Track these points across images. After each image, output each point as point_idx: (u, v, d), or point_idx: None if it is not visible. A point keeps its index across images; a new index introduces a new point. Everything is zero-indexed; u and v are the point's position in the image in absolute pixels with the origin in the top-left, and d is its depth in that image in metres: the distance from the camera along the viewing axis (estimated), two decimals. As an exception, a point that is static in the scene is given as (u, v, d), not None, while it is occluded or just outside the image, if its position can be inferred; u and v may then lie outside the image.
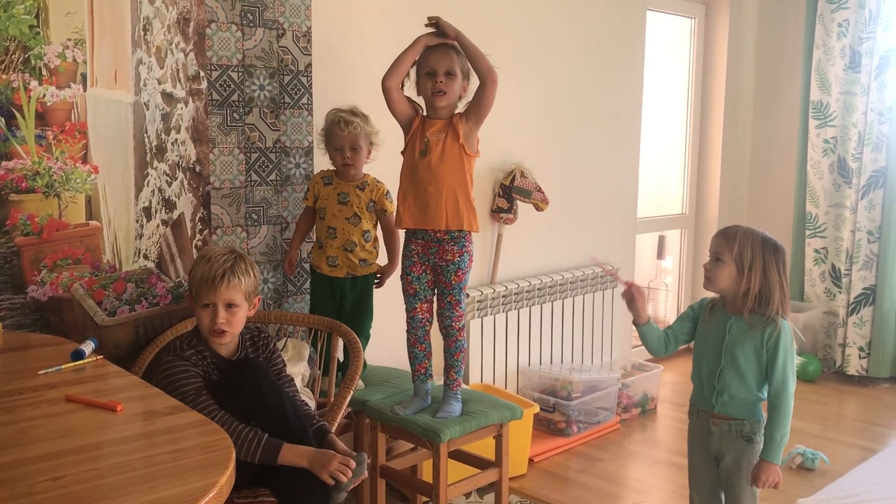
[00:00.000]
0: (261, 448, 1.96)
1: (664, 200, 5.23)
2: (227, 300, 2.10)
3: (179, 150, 2.64)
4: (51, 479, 1.34)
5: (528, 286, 3.78)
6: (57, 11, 2.35)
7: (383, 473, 2.71)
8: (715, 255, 2.26)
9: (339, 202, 2.77)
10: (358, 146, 2.74)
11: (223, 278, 2.08)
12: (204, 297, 2.10)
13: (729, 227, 2.30)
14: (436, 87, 2.47)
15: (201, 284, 2.10)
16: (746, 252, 2.21)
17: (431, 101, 2.51)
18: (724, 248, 2.23)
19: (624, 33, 4.30)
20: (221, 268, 2.09)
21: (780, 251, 2.24)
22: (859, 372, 4.68)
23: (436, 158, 2.48)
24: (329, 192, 2.78)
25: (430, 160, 2.49)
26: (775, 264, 2.21)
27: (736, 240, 2.22)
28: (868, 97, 4.63)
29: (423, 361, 2.63)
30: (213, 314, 2.09)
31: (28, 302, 2.36)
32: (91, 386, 1.82)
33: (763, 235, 2.24)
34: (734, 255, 2.22)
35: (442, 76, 2.47)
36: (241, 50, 2.74)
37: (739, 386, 2.24)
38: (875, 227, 4.66)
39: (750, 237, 2.23)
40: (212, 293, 2.09)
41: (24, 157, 2.32)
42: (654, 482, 3.37)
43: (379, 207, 2.81)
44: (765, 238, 2.23)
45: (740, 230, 2.25)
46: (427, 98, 2.52)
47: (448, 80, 2.48)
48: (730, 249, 2.22)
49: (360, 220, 2.77)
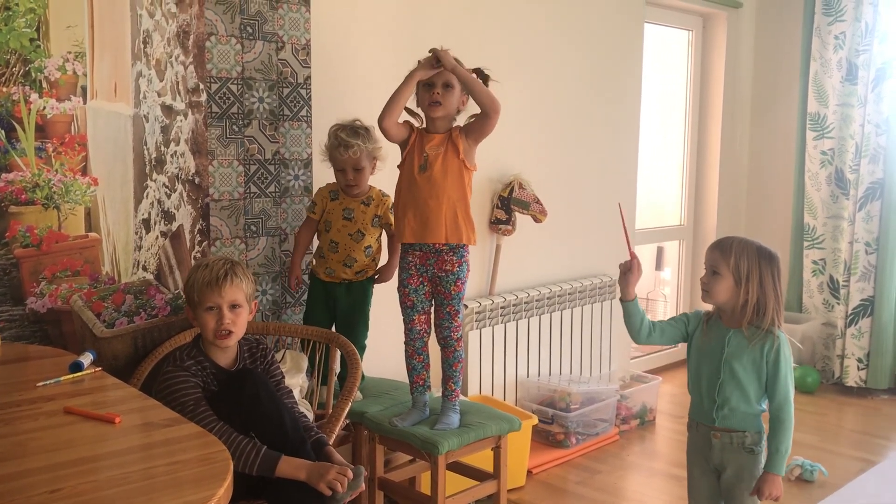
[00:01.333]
0: (259, 460, 1.96)
1: (662, 212, 5.24)
2: (231, 300, 2.13)
3: (179, 162, 2.65)
4: (48, 492, 1.34)
5: (526, 297, 3.78)
6: (57, 25, 2.36)
7: (381, 485, 2.71)
8: (711, 268, 2.25)
9: (343, 218, 2.77)
10: (360, 167, 2.73)
11: (226, 278, 2.12)
12: (208, 300, 2.12)
13: (724, 238, 2.30)
14: (433, 98, 2.48)
15: (204, 288, 2.12)
16: (743, 263, 2.20)
17: (428, 111, 2.52)
18: (721, 260, 2.23)
19: (622, 45, 4.32)
20: (222, 269, 2.13)
21: (776, 260, 2.24)
22: (858, 383, 4.68)
23: (437, 173, 2.49)
24: (335, 206, 2.79)
25: (431, 175, 2.50)
26: (771, 274, 2.21)
27: (732, 252, 2.22)
28: (865, 109, 4.65)
29: (421, 373, 2.63)
30: (218, 316, 2.11)
31: (27, 313, 2.36)
32: (89, 398, 1.81)
33: (758, 245, 2.24)
34: (731, 267, 2.21)
35: (439, 87, 2.49)
36: (241, 63, 2.75)
37: (740, 399, 2.24)
38: (873, 238, 4.67)
39: (746, 248, 2.22)
40: (216, 294, 2.11)
41: (23, 169, 2.33)
42: (653, 494, 3.36)
43: (384, 222, 2.81)
44: (760, 248, 2.23)
45: (735, 241, 2.25)
46: (424, 109, 2.54)
47: (445, 93, 2.49)
48: (726, 262, 2.22)
49: (363, 236, 2.78)
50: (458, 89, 2.51)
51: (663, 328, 2.37)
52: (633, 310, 2.35)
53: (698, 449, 2.35)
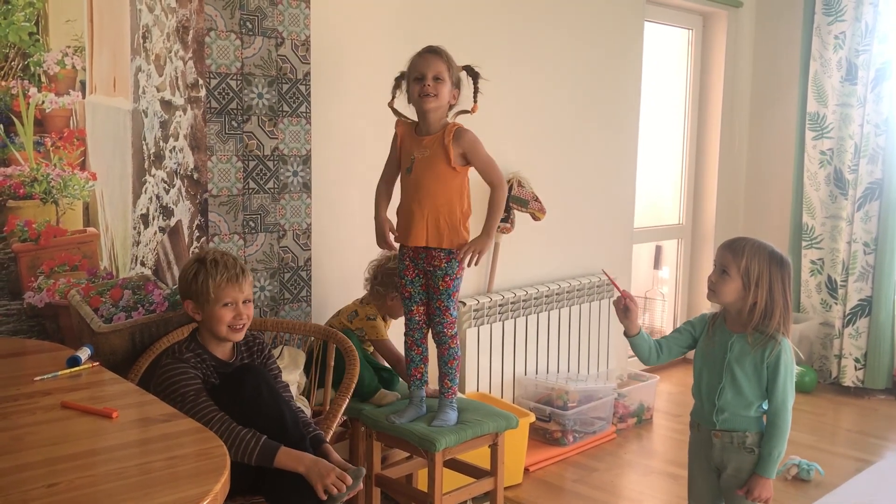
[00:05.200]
0: (258, 449, 1.97)
1: (661, 211, 5.24)
2: (248, 295, 2.24)
3: (177, 157, 2.64)
4: (45, 486, 1.34)
5: (524, 295, 3.78)
6: (56, 19, 2.36)
7: (378, 482, 2.71)
8: (721, 267, 2.22)
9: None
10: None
11: (244, 275, 2.24)
12: (226, 296, 2.20)
13: (737, 238, 2.25)
14: (424, 90, 2.45)
15: (224, 284, 2.19)
16: (754, 267, 2.16)
17: (420, 104, 2.47)
18: (731, 262, 2.18)
19: (622, 44, 4.32)
20: (238, 266, 2.24)
21: (787, 266, 2.20)
22: (855, 383, 4.69)
23: (420, 178, 2.49)
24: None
25: (415, 178, 2.50)
26: (781, 280, 2.17)
27: (744, 254, 2.17)
28: (864, 109, 4.65)
29: (419, 366, 2.64)
30: (235, 311, 2.20)
31: (25, 308, 2.36)
32: (87, 393, 1.81)
33: (771, 249, 2.20)
34: (741, 269, 2.17)
35: (430, 80, 2.45)
36: (240, 58, 2.75)
37: (739, 404, 2.22)
38: (871, 238, 4.67)
39: (758, 252, 2.18)
40: (236, 291, 2.21)
41: (22, 164, 2.33)
42: (650, 492, 3.36)
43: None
44: (772, 252, 2.19)
45: (748, 244, 2.20)
46: (415, 101, 2.49)
47: (436, 84, 2.45)
48: (737, 264, 2.17)
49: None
50: (449, 83, 2.47)
51: (670, 346, 2.35)
52: (640, 342, 2.34)
53: (699, 448, 2.34)
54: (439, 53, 2.48)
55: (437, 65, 2.46)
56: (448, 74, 2.47)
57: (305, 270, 2.98)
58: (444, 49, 2.50)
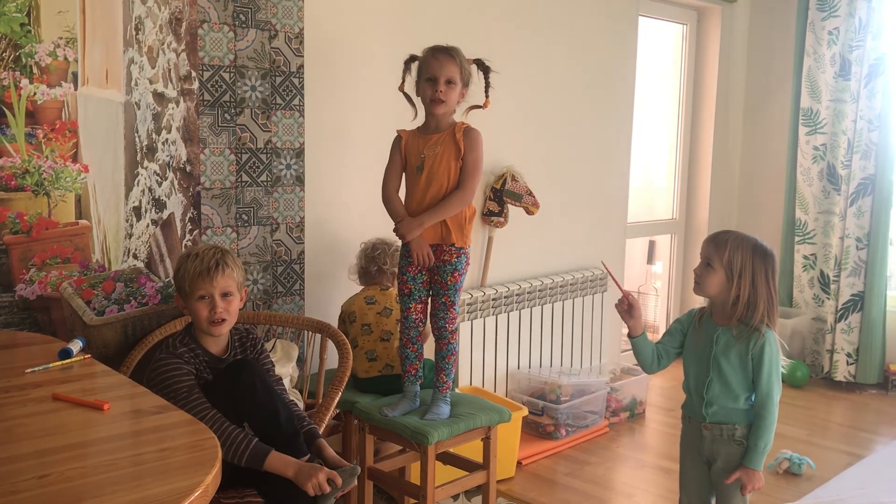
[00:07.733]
0: (248, 451, 1.96)
1: (654, 205, 5.25)
2: (224, 289, 2.15)
3: (170, 149, 2.64)
4: (36, 478, 1.34)
5: (518, 289, 3.79)
6: (48, 10, 2.35)
7: (371, 475, 2.71)
8: (706, 260, 2.23)
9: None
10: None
11: (217, 268, 2.14)
12: (200, 289, 2.14)
13: (720, 232, 2.27)
14: (435, 95, 2.48)
15: (195, 278, 2.14)
16: (736, 259, 2.18)
17: (430, 107, 2.52)
18: (714, 254, 2.21)
19: (616, 38, 4.32)
20: (213, 258, 2.15)
21: (770, 258, 2.21)
22: (847, 378, 4.71)
23: (433, 175, 2.50)
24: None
25: (427, 176, 2.51)
26: (764, 272, 2.18)
27: (727, 246, 2.19)
28: (858, 105, 4.66)
29: (414, 363, 2.64)
30: (211, 305, 2.14)
31: (16, 300, 2.36)
32: (78, 385, 1.81)
33: (754, 242, 2.21)
34: (724, 262, 2.19)
35: (442, 85, 2.48)
36: (233, 51, 2.74)
37: (727, 397, 2.23)
38: (864, 234, 4.69)
39: (741, 244, 2.19)
40: (208, 284, 2.13)
41: (13, 156, 2.32)
42: (642, 486, 3.37)
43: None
44: (756, 244, 2.20)
45: (731, 236, 2.22)
46: (426, 104, 2.53)
47: (448, 89, 2.49)
48: (720, 256, 2.19)
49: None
50: (459, 85, 2.51)
51: (667, 351, 2.36)
52: (643, 344, 2.34)
53: (690, 441, 2.36)
54: (453, 56, 2.50)
55: (450, 68, 2.48)
56: (459, 76, 2.50)
57: (298, 264, 2.98)
58: (457, 49, 2.51)
